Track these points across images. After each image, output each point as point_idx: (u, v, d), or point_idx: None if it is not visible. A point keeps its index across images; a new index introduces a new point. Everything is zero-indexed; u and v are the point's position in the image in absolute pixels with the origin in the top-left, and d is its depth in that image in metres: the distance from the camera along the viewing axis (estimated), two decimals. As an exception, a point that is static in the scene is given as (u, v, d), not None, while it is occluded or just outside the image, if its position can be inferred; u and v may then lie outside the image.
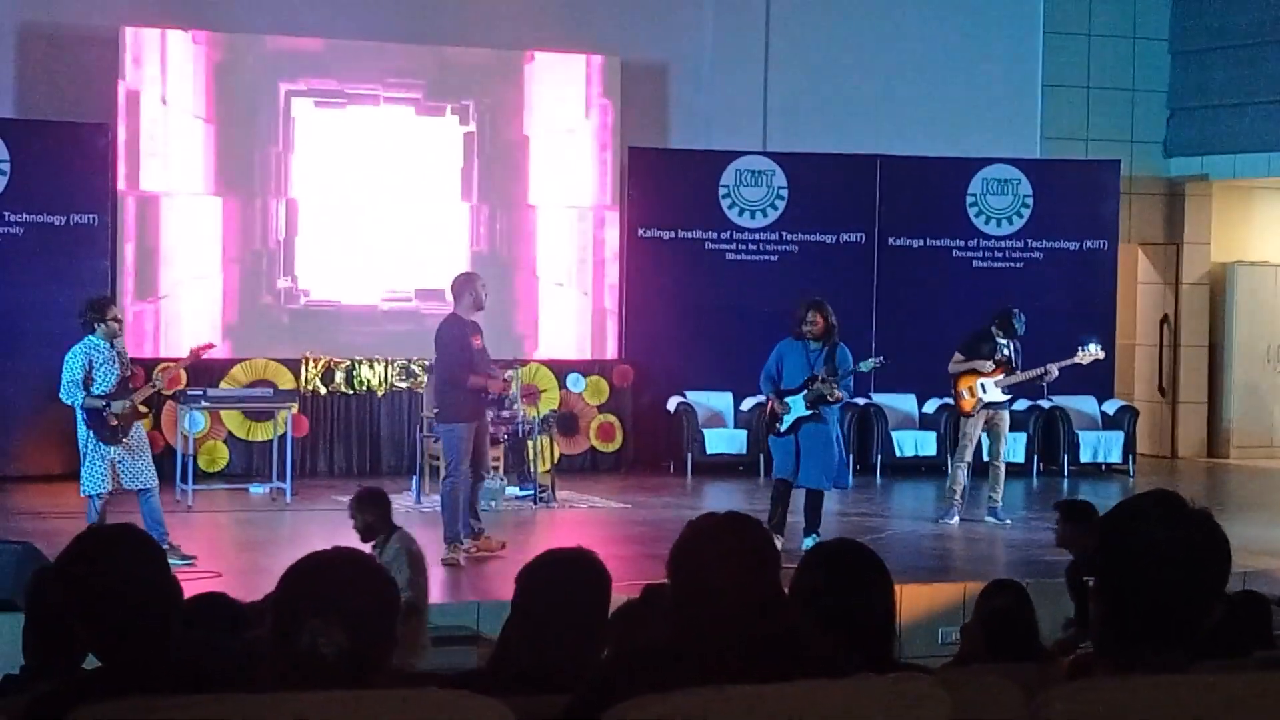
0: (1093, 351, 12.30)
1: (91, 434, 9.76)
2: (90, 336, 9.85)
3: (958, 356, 12.24)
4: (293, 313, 14.68)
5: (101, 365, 9.80)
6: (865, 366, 11.47)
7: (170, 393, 12.97)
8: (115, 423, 9.74)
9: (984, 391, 12.08)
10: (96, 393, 9.75)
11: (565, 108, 15.27)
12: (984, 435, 12.26)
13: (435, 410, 10.93)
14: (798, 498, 10.86)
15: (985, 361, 12.09)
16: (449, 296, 10.70)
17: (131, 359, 10.40)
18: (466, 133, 15.04)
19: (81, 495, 9.94)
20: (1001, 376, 12.10)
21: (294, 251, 14.68)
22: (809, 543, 10.35)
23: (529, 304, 15.26)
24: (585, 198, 15.39)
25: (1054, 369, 12.14)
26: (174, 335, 14.15)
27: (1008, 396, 12.22)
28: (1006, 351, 12.14)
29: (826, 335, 10.80)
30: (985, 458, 12.49)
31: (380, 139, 14.81)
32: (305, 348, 14.46)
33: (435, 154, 14.96)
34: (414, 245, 14.89)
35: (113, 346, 9.89)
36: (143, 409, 10.08)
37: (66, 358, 9.94)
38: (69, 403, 9.88)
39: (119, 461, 9.78)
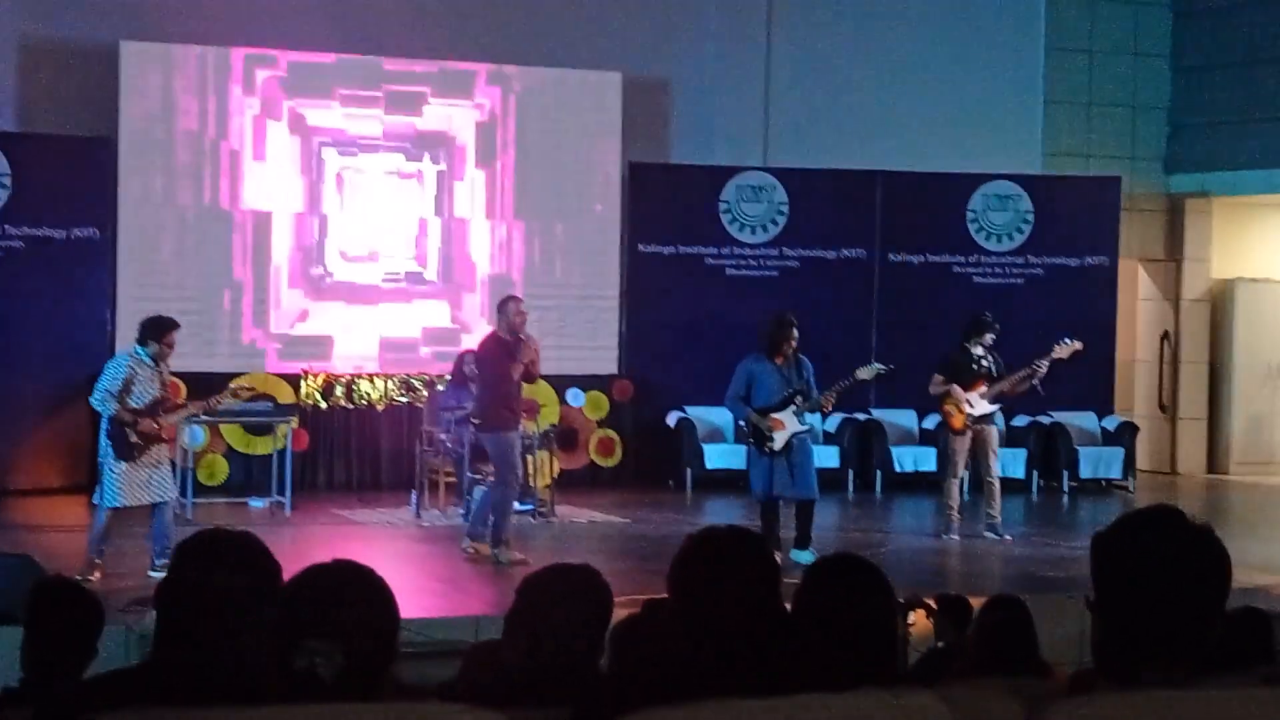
0: (1069, 344, 12.26)
1: (110, 447, 9.77)
2: (139, 349, 9.88)
3: (937, 378, 12.21)
4: (294, 328, 14.66)
5: (140, 382, 9.79)
6: (867, 373, 11.45)
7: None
8: (135, 439, 9.73)
9: (971, 406, 12.07)
10: (132, 405, 9.74)
11: (567, 123, 15.28)
12: (976, 450, 12.21)
13: (478, 420, 11.07)
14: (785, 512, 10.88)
15: (964, 378, 12.06)
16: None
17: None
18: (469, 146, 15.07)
19: (93, 504, 9.94)
20: (984, 389, 12.08)
21: (297, 264, 14.67)
22: (805, 557, 10.34)
23: (529, 318, 15.19)
24: (586, 212, 15.39)
25: (1043, 364, 12.09)
26: (176, 350, 14.11)
27: (995, 407, 12.21)
28: (986, 363, 12.14)
29: (795, 350, 10.87)
30: (979, 473, 12.49)
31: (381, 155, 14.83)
32: (306, 362, 14.47)
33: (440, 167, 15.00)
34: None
35: (156, 366, 9.89)
36: (169, 434, 10.05)
37: (108, 364, 9.97)
38: (99, 410, 9.88)
39: (138, 476, 9.76)
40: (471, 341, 14.55)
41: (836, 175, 15.86)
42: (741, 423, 11.28)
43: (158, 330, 9.91)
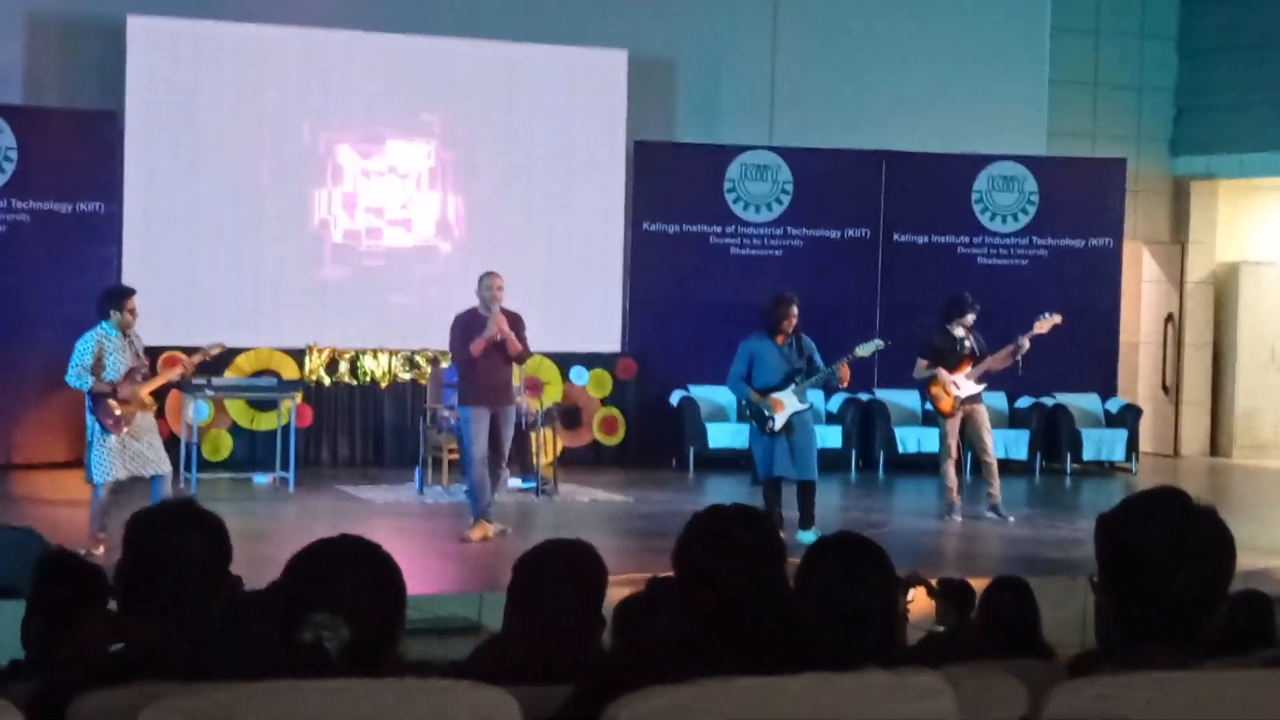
0: (1048, 318, 12.25)
1: (96, 423, 9.81)
2: (103, 324, 9.93)
3: (921, 362, 12.20)
4: (300, 300, 14.65)
5: (111, 354, 9.85)
6: (866, 350, 11.44)
7: (176, 381, 12.97)
8: (119, 412, 9.76)
9: (958, 388, 12.07)
10: (106, 379, 9.80)
11: (572, 100, 15.25)
12: (968, 431, 12.19)
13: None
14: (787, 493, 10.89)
15: (949, 360, 12.05)
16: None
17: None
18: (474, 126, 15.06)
19: (86, 482, 9.96)
20: (969, 369, 12.08)
21: (301, 240, 14.67)
22: (809, 537, 10.35)
23: (532, 296, 15.22)
24: (591, 190, 15.37)
25: (1025, 341, 12.09)
26: (180, 324, 14.13)
27: (982, 386, 12.21)
28: (968, 344, 12.14)
29: (794, 328, 10.88)
30: (974, 453, 12.49)
31: (389, 132, 14.82)
32: (311, 336, 14.47)
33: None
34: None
35: (124, 336, 9.94)
36: (149, 401, 10.10)
37: (77, 343, 10.00)
38: (75, 386, 9.93)
39: (127, 449, 9.81)
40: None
41: (841, 155, 15.83)
42: (743, 402, 11.27)
43: (116, 299, 10.02)
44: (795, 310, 10.88)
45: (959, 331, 12.15)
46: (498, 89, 15.06)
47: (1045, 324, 12.21)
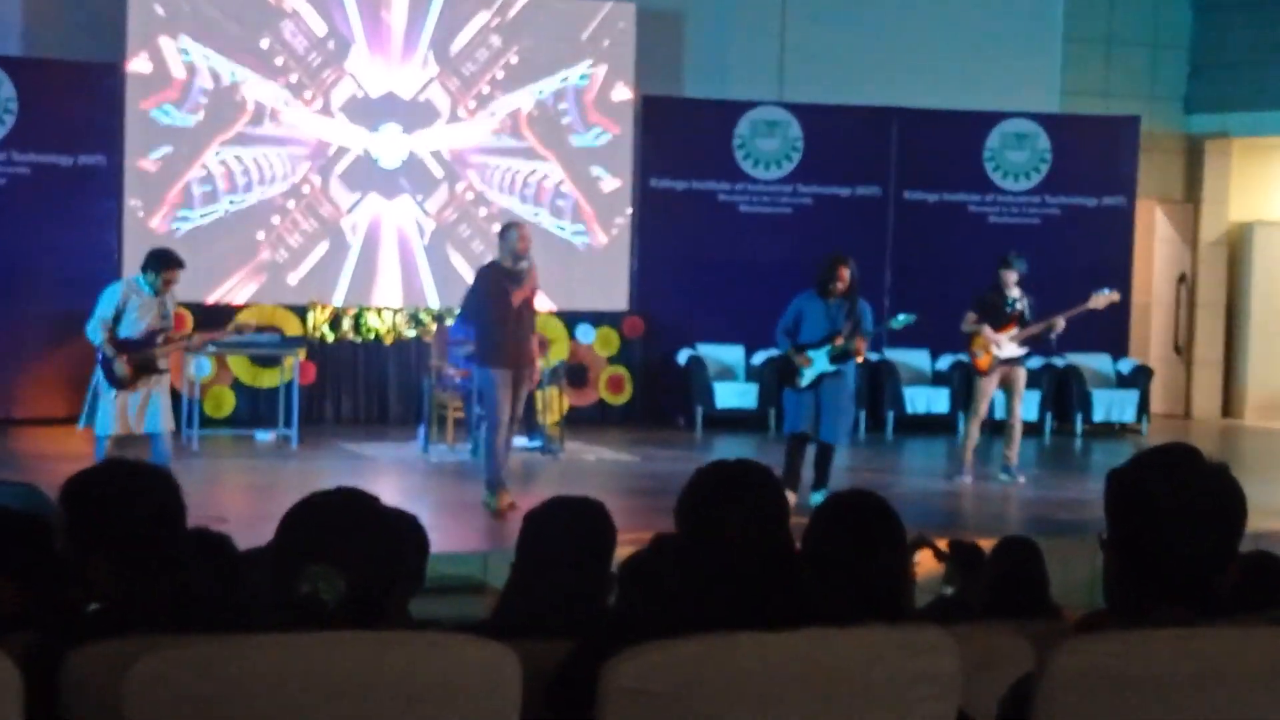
0: (1107, 295, 12.14)
1: (103, 375, 9.79)
2: (139, 276, 9.88)
3: (971, 316, 12.11)
4: (304, 259, 14.59)
5: (135, 309, 9.79)
6: (897, 324, 11.51)
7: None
8: (124, 371, 9.72)
9: (999, 348, 11.96)
10: (121, 335, 9.73)
11: (580, 54, 15.14)
12: (1000, 392, 12.13)
13: (474, 354, 10.75)
14: (807, 453, 10.83)
15: (997, 319, 11.95)
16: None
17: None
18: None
19: (82, 428, 9.98)
20: (1015, 330, 11.97)
21: (305, 194, 14.58)
22: (818, 498, 10.30)
23: (538, 253, 15.14)
24: (598, 145, 15.27)
25: (1060, 320, 11.98)
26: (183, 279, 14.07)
27: (1024, 351, 12.09)
28: (1020, 305, 12.02)
29: (849, 290, 10.78)
30: (1000, 415, 12.40)
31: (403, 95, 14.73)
32: (313, 293, 14.42)
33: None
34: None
35: (156, 296, 9.86)
36: (162, 365, 10.01)
37: (104, 291, 9.95)
38: (90, 338, 9.87)
39: (130, 405, 9.77)
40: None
41: (852, 112, 15.71)
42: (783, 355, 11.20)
43: (158, 263, 9.92)
44: (846, 271, 10.78)
45: (1014, 292, 12.02)
46: (505, 42, 14.94)
47: (1101, 300, 12.11)
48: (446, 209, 14.94)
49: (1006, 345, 11.97)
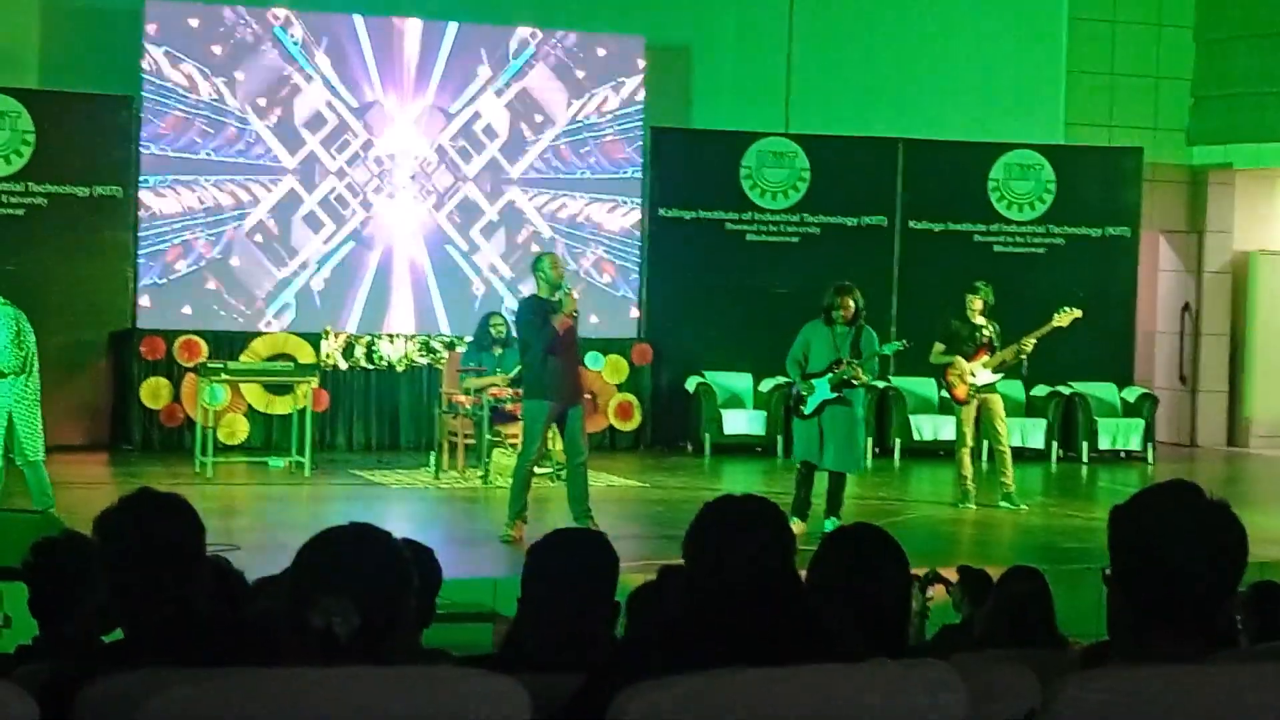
0: (1069, 312, 12.17)
1: None
2: None
3: (939, 346, 12.18)
4: (318, 287, 14.67)
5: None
6: (889, 349, 11.55)
7: (191, 365, 13.06)
8: None
9: (974, 376, 12.04)
10: None
11: (589, 87, 15.24)
12: (982, 419, 12.16)
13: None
14: (819, 481, 10.86)
15: (966, 348, 12.02)
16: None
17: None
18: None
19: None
20: (986, 358, 12.04)
21: (322, 223, 14.68)
22: (830, 525, 10.35)
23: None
24: (608, 177, 15.36)
25: (1030, 341, 12.01)
26: (197, 308, 14.17)
27: (998, 376, 12.16)
28: (987, 332, 12.10)
29: (854, 319, 10.85)
30: (988, 441, 12.46)
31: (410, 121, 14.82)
32: (327, 321, 14.50)
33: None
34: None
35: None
36: None
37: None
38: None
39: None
40: (492, 303, 14.61)
41: (858, 142, 15.81)
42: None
43: None
44: (851, 301, 10.82)
45: (979, 320, 12.10)
46: (516, 76, 15.04)
47: (1065, 317, 12.16)
48: (459, 238, 15.03)
49: (981, 372, 12.04)
